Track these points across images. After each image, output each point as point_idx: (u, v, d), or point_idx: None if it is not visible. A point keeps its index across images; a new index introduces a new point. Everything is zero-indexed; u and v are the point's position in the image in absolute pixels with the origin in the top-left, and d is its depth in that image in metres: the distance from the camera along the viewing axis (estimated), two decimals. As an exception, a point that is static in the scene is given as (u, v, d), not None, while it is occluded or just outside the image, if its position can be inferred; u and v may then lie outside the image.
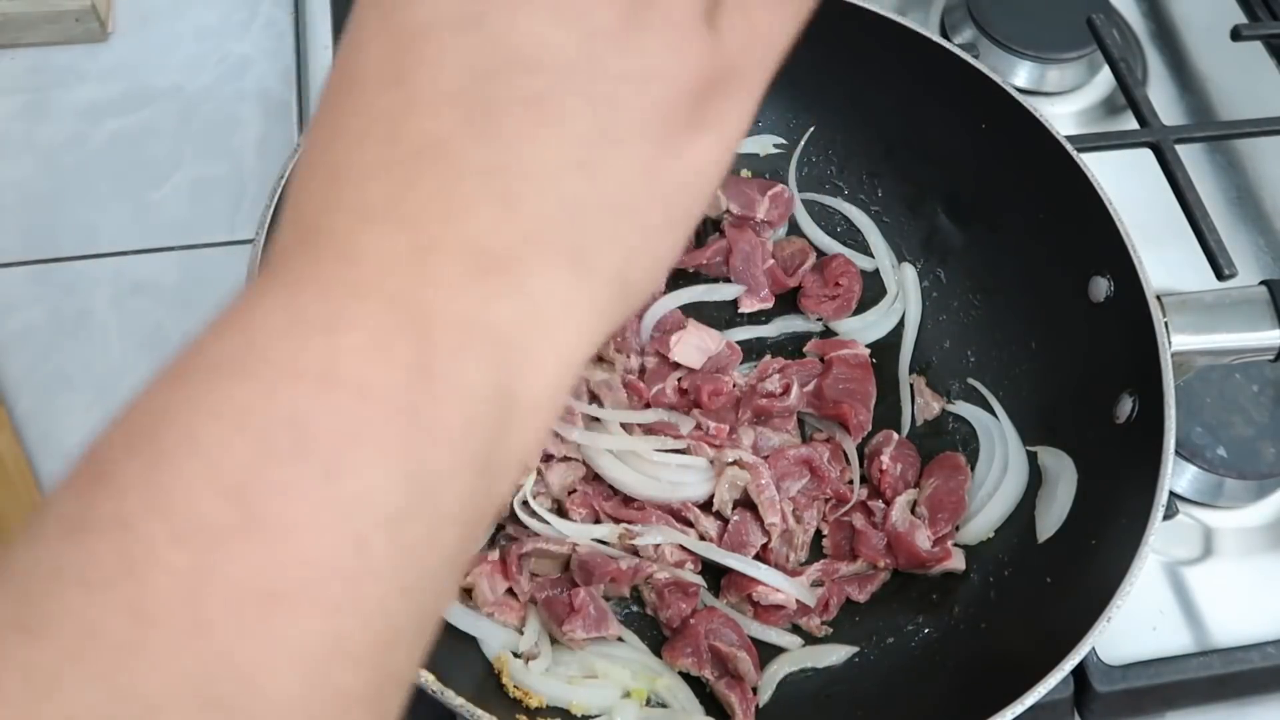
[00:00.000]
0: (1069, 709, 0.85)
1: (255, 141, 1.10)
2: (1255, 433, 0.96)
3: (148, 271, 1.01)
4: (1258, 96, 1.18)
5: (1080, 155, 0.87)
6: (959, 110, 0.94)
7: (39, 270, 1.01)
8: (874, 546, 0.86)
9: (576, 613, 0.79)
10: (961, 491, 0.88)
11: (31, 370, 0.95)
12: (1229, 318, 0.81)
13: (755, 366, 0.94)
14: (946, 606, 0.85)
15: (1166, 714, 0.87)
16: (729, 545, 0.85)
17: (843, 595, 0.86)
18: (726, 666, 0.80)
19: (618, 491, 0.86)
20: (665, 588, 0.82)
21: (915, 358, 0.97)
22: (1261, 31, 1.16)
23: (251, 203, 1.05)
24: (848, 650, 0.84)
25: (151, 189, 1.07)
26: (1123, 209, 0.84)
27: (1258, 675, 0.86)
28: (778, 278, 0.99)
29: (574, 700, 0.77)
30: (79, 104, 1.11)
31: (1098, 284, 0.85)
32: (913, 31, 0.93)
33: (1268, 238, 1.12)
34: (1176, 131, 1.04)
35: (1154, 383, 0.78)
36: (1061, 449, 0.87)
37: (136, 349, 0.97)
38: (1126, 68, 1.08)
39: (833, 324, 0.99)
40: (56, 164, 1.07)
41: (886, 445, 0.91)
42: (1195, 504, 0.95)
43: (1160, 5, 1.29)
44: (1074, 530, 0.82)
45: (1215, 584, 0.92)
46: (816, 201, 1.04)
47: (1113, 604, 0.70)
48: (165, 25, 1.17)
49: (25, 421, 0.92)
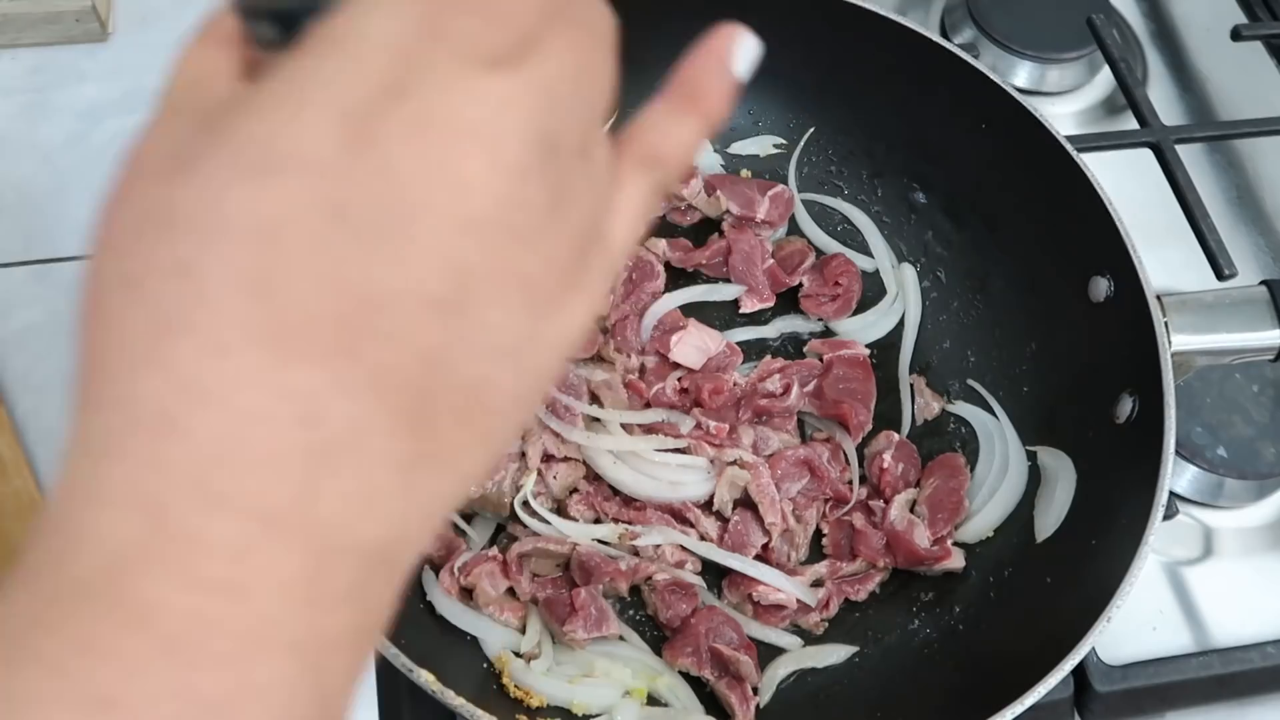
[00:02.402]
0: (1069, 709, 0.85)
1: (255, 141, 1.10)
2: (1255, 433, 0.96)
3: (148, 271, 1.01)
4: (1258, 96, 1.18)
5: (1080, 155, 0.87)
6: (959, 110, 0.94)
7: (39, 270, 1.01)
8: (874, 546, 0.86)
9: (577, 612, 0.79)
10: (961, 491, 0.88)
11: (31, 370, 0.95)
12: (1229, 318, 0.82)
13: (755, 366, 0.94)
14: (946, 606, 0.85)
15: (1166, 714, 0.87)
16: (729, 545, 0.85)
17: (842, 594, 0.86)
18: (727, 667, 0.80)
19: (618, 491, 0.86)
20: (665, 588, 0.82)
21: (915, 358, 0.98)
22: (1261, 31, 1.16)
23: (251, 203, 1.05)
24: (848, 650, 0.84)
25: (151, 189, 1.07)
26: (1123, 209, 0.84)
27: (1258, 675, 0.86)
28: (778, 277, 0.99)
29: (575, 700, 0.77)
30: (79, 104, 1.11)
31: (1098, 284, 0.85)
32: (913, 31, 0.93)
33: (1268, 238, 1.12)
34: (1176, 131, 1.04)
35: (1154, 383, 0.78)
36: (1061, 449, 0.87)
37: (137, 349, 0.97)
38: (1126, 68, 1.08)
39: (833, 324, 0.99)
40: (56, 164, 1.07)
41: (886, 445, 0.91)
42: (1195, 504, 0.95)
43: (1160, 5, 1.29)
44: (1074, 530, 0.82)
45: (1215, 584, 0.92)
46: (816, 201, 1.04)
47: (1113, 604, 0.70)
48: (165, 25, 1.17)
49: (25, 421, 0.92)
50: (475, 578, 0.80)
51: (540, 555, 0.83)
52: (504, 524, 0.86)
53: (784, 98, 1.04)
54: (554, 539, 0.83)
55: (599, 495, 0.86)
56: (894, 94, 0.98)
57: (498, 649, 0.79)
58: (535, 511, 0.83)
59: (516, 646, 0.80)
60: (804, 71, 1.01)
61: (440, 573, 0.81)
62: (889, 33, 0.94)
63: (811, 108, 1.03)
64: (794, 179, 1.04)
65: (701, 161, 1.03)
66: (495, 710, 0.66)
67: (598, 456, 0.86)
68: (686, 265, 0.99)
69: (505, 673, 0.78)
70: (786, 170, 1.04)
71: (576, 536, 0.83)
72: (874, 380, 0.94)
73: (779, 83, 1.03)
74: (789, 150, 1.04)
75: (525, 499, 0.83)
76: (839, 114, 1.02)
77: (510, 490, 0.84)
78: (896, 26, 0.93)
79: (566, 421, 0.86)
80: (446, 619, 0.80)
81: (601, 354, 0.92)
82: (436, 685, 0.66)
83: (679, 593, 0.82)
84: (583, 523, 0.85)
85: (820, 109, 1.03)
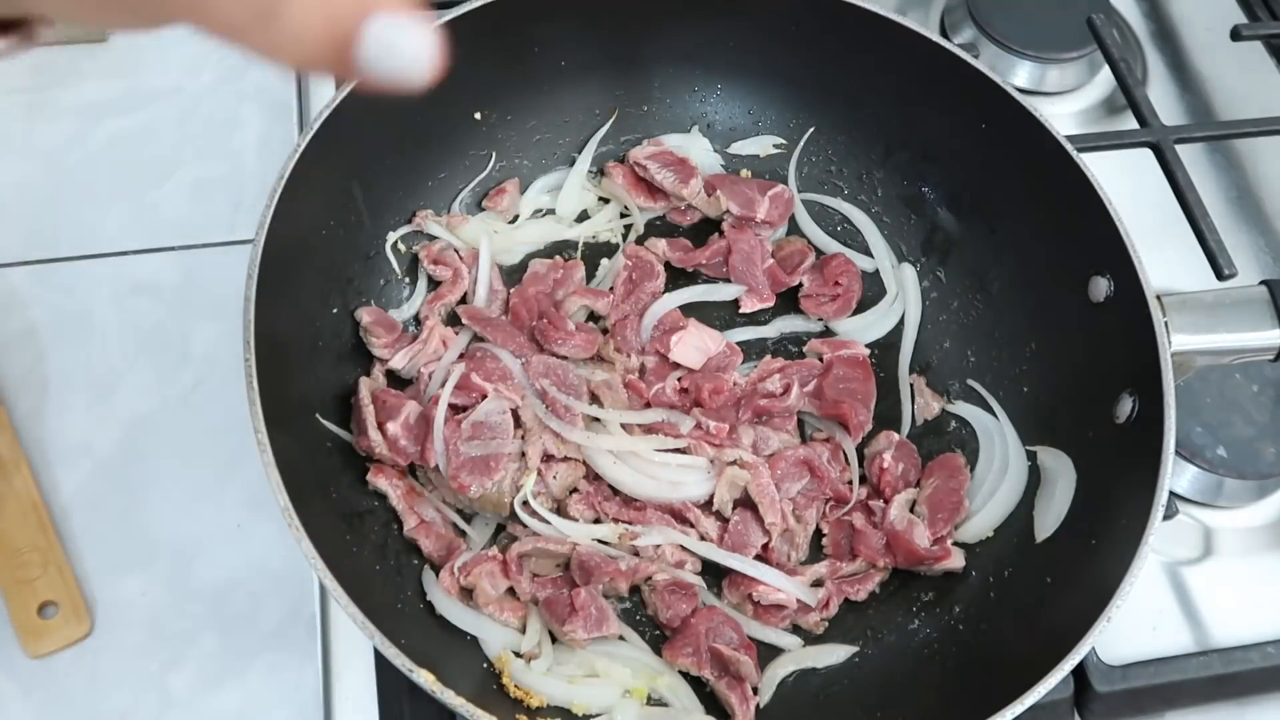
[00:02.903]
0: (1069, 709, 0.85)
1: (255, 141, 1.10)
2: (1255, 433, 0.96)
3: (148, 271, 1.01)
4: (1258, 96, 1.18)
5: (1080, 155, 0.87)
6: (959, 110, 0.94)
7: (39, 270, 1.01)
8: (873, 546, 0.86)
9: (578, 613, 0.79)
10: (961, 491, 0.88)
11: (31, 370, 0.95)
12: (1229, 318, 0.82)
13: (755, 366, 0.94)
14: (946, 606, 0.85)
15: (1166, 714, 0.87)
16: (730, 545, 0.85)
17: (842, 594, 0.86)
18: (727, 667, 0.80)
19: (618, 491, 0.86)
20: (665, 588, 0.82)
21: (915, 358, 0.98)
22: (1261, 31, 1.16)
23: (251, 203, 1.05)
24: (848, 650, 0.84)
25: (151, 189, 1.07)
26: (1123, 209, 0.84)
27: (1258, 675, 0.86)
28: (778, 277, 0.99)
29: (575, 700, 0.77)
30: (79, 104, 1.11)
31: (1098, 284, 0.85)
32: (913, 31, 0.93)
33: (1268, 238, 1.12)
34: (1176, 131, 1.04)
35: (1154, 383, 0.78)
36: (1061, 449, 0.87)
37: (136, 349, 0.97)
38: (1126, 68, 1.08)
39: (833, 324, 0.99)
40: (56, 164, 1.07)
41: (886, 445, 0.91)
42: (1195, 504, 0.96)
43: (1160, 5, 1.29)
44: (1074, 530, 0.82)
45: (1215, 584, 0.92)
46: (816, 201, 1.04)
47: (1113, 604, 0.70)
48: (165, 25, 1.17)
49: (25, 421, 0.92)
50: (475, 578, 0.80)
51: (540, 555, 0.83)
52: (504, 524, 0.86)
53: (784, 98, 1.04)
54: (554, 539, 0.83)
55: (599, 495, 0.86)
56: (894, 94, 0.98)
57: (498, 649, 0.79)
58: (535, 511, 0.83)
59: (517, 646, 0.80)
60: (804, 71, 1.01)
61: (440, 573, 0.81)
62: (889, 33, 0.94)
63: (811, 108, 1.03)
64: (794, 179, 1.04)
65: (701, 161, 1.03)
66: (495, 710, 0.66)
67: (598, 456, 0.86)
68: (686, 265, 0.99)
69: (505, 673, 0.78)
70: (786, 170, 1.04)
71: (576, 536, 0.83)
72: (874, 380, 0.94)
73: (779, 83, 1.03)
74: (789, 150, 1.04)
75: (525, 499, 0.83)
76: (839, 114, 1.02)
77: (510, 490, 0.84)
78: (896, 26, 0.93)
79: (566, 421, 0.86)
80: (446, 619, 0.80)
81: (601, 354, 0.92)
82: (436, 685, 0.66)
83: (679, 593, 0.82)
84: (583, 523, 0.85)
85: (820, 109, 1.03)
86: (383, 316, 0.90)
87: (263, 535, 0.89)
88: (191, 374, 0.96)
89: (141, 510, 0.89)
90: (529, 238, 1.00)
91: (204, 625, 0.85)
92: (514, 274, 0.98)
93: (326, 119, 0.82)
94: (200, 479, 0.91)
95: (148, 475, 0.91)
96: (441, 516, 0.84)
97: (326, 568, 0.66)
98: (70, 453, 0.91)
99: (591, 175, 1.03)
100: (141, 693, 0.83)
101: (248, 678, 0.84)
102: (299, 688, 0.83)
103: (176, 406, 0.94)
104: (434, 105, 0.94)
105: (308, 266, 0.85)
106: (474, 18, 0.89)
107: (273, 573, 0.87)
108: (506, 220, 1.00)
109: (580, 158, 1.02)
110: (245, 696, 0.83)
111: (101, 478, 0.91)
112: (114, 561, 0.87)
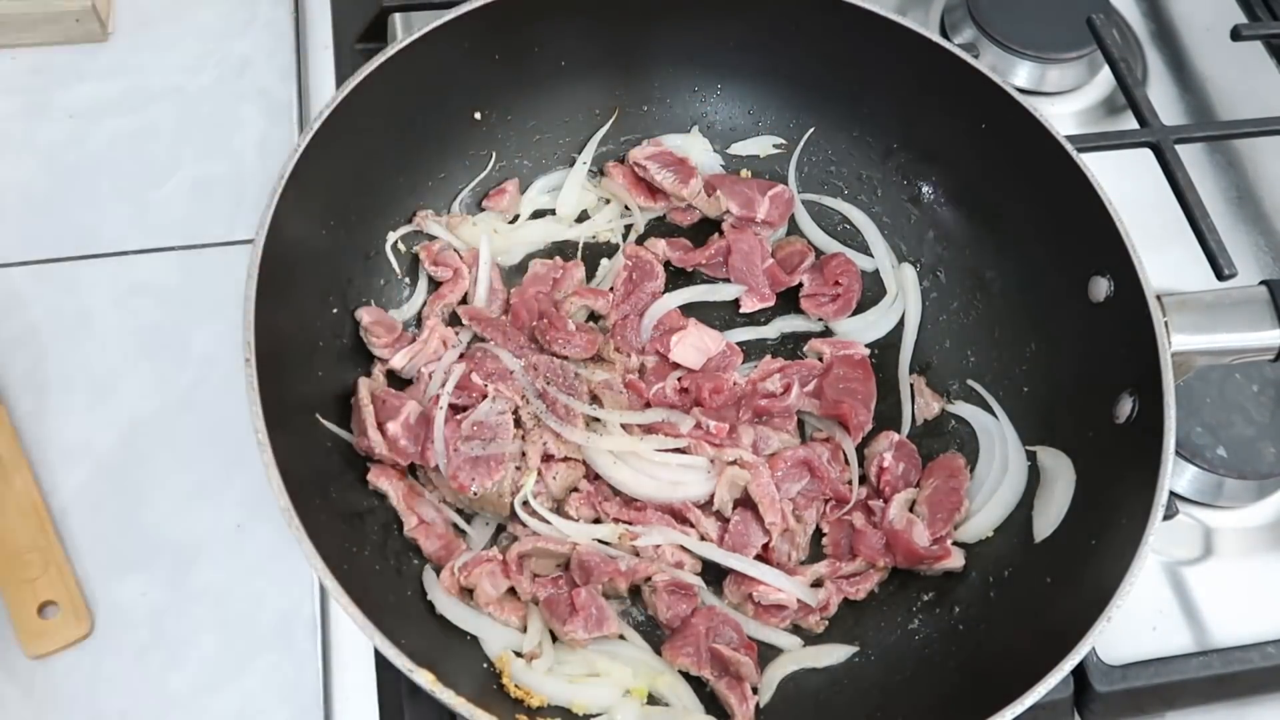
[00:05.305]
0: (1069, 709, 0.85)
1: (255, 141, 1.10)
2: (1255, 433, 0.96)
3: (148, 271, 1.01)
4: (1258, 96, 1.18)
5: (1080, 155, 0.87)
6: (959, 110, 0.94)
7: (39, 270, 1.01)
8: (873, 545, 0.86)
9: (578, 612, 0.79)
10: (961, 491, 0.88)
11: (31, 370, 0.95)
12: (1229, 318, 0.82)
13: (755, 366, 0.94)
14: (946, 606, 0.85)
15: (1166, 714, 0.87)
16: (730, 545, 0.85)
17: (842, 594, 0.86)
18: (727, 666, 0.80)
19: (618, 491, 0.86)
20: (665, 588, 0.82)
21: (915, 358, 0.98)
22: (1261, 31, 1.16)
23: (251, 203, 1.05)
24: (848, 650, 0.84)
25: (151, 189, 1.07)
26: (1123, 209, 0.84)
27: (1258, 675, 0.86)
28: (778, 277, 0.99)
29: (576, 699, 0.77)
30: (79, 104, 1.11)
31: (1098, 284, 0.85)
32: (913, 31, 0.93)
33: (1268, 238, 1.12)
34: (1176, 131, 1.04)
35: (1154, 383, 0.78)
36: (1061, 449, 0.87)
37: (136, 349, 0.97)
38: (1126, 68, 1.08)
39: (833, 324, 0.99)
40: (56, 164, 1.07)
41: (886, 445, 0.91)
42: (1195, 504, 0.96)
43: (1160, 5, 1.29)
44: (1074, 530, 0.82)
45: (1215, 584, 0.92)
46: (816, 201, 1.04)
47: (1113, 604, 0.70)
48: (165, 25, 1.17)
49: (25, 421, 0.92)
50: (475, 578, 0.80)
51: (540, 555, 0.83)
52: (504, 524, 0.86)
53: (784, 98, 1.04)
54: (554, 539, 0.83)
55: (599, 495, 0.86)
56: (894, 94, 0.98)
57: (498, 649, 0.79)
58: (535, 511, 0.83)
59: (517, 646, 0.80)
60: (804, 71, 1.01)
61: (440, 573, 0.81)
62: (889, 33, 0.94)
63: (811, 108, 1.03)
64: (794, 179, 1.04)
65: (701, 161, 1.03)
66: (495, 710, 0.66)
67: (598, 456, 0.86)
68: (686, 265, 0.99)
69: (506, 672, 0.78)
70: (786, 170, 1.04)
71: (576, 536, 0.83)
72: (874, 380, 0.94)
73: (779, 83, 1.03)
74: (789, 150, 1.04)
75: (525, 499, 0.83)
76: (839, 114, 1.02)
77: (510, 490, 0.84)
78: (897, 27, 0.93)
79: (566, 421, 0.86)
80: (447, 619, 0.80)
81: (601, 354, 0.92)
82: (436, 685, 0.66)
83: (679, 593, 0.82)
84: (583, 523, 0.85)
85: (820, 109, 1.03)
86: (383, 316, 0.90)
87: (263, 535, 0.89)
88: (191, 374, 0.96)
89: (141, 510, 0.89)
90: (529, 238, 1.00)
91: (204, 625, 0.85)
92: (514, 274, 0.98)
93: (326, 119, 0.82)
94: (200, 479, 0.91)
95: (148, 475, 0.91)
96: (441, 517, 0.85)
97: (326, 568, 0.66)
98: (70, 453, 0.91)
99: (591, 175, 1.03)
100: (141, 693, 0.83)
101: (247, 678, 0.84)
102: (299, 688, 0.83)
103: (176, 407, 0.94)
104: (434, 105, 0.94)
105: (308, 266, 0.85)
106: (474, 18, 0.89)
107: (273, 573, 0.87)
108: (506, 220, 1.00)
109: (580, 158, 1.02)
110: (245, 697, 0.83)
111: (101, 478, 0.91)
112: (114, 561, 0.87)
